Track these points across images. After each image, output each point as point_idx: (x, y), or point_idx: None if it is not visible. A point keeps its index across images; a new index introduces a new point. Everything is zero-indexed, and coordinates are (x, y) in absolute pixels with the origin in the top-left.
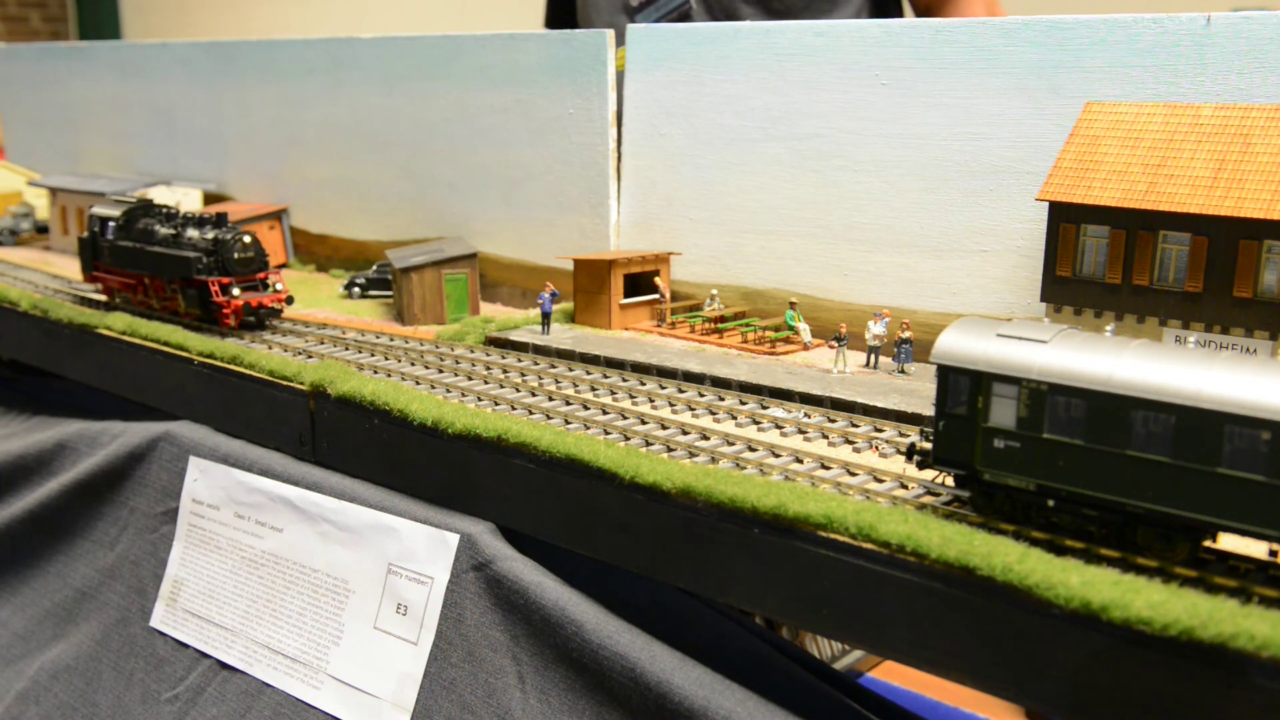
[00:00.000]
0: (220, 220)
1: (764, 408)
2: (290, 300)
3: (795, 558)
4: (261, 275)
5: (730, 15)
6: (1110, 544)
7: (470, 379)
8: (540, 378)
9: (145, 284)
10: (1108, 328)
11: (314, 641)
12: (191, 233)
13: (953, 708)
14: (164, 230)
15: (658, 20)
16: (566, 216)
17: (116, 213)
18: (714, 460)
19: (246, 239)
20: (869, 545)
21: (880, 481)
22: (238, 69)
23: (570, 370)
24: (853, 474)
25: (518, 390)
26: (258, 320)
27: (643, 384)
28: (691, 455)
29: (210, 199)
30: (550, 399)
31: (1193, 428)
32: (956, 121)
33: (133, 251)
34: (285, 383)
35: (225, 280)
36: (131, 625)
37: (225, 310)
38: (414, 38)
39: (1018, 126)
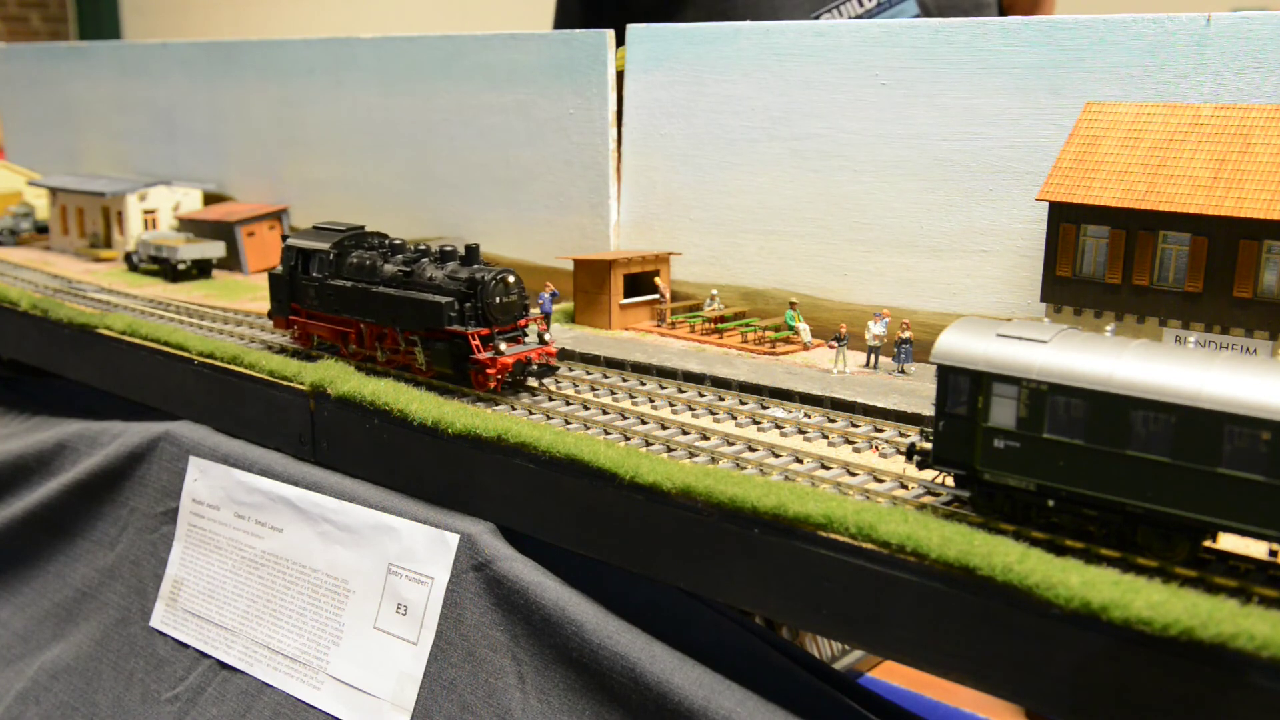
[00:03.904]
0: (470, 255)
1: (764, 408)
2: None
3: (795, 558)
4: (522, 323)
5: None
6: (1110, 544)
7: None
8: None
9: (361, 331)
10: (1108, 328)
11: (314, 641)
12: (431, 271)
13: (953, 708)
14: (391, 268)
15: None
16: (566, 216)
17: (324, 245)
18: (714, 460)
19: (510, 278)
20: (869, 545)
21: (880, 481)
22: (238, 69)
23: (570, 370)
24: (853, 474)
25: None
26: (516, 381)
27: (643, 384)
28: (691, 455)
29: (210, 199)
30: (550, 399)
31: (1193, 428)
32: (956, 121)
33: (351, 293)
34: (285, 383)
35: (486, 331)
36: (131, 625)
37: (490, 369)
38: (414, 38)
39: (1018, 126)
